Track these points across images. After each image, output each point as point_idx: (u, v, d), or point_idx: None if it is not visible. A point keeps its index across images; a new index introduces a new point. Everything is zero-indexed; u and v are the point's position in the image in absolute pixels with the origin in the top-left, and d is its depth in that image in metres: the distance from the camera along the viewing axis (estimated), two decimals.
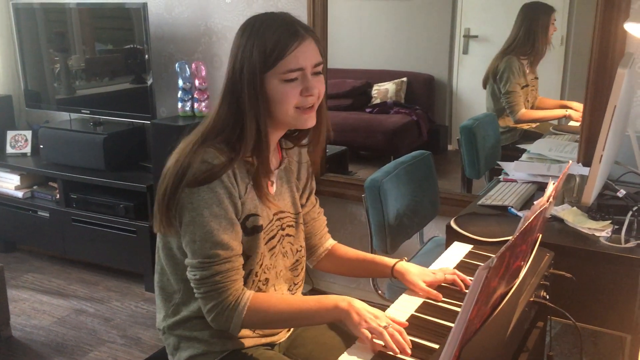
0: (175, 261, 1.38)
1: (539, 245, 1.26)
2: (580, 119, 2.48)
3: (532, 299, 1.24)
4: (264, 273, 1.41)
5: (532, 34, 2.80)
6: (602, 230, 1.77)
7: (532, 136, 2.83)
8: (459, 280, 1.48)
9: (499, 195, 2.10)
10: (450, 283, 1.48)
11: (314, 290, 3.13)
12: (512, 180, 2.24)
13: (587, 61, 2.34)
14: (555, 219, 1.87)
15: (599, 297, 1.69)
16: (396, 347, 1.19)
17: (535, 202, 1.13)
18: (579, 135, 2.46)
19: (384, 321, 1.25)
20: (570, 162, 1.54)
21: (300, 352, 1.50)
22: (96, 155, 3.27)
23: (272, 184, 1.43)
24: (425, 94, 3.32)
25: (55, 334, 2.81)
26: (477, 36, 3.06)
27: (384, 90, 3.39)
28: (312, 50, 1.31)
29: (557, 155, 2.44)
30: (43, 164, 3.47)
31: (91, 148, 3.28)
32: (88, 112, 3.44)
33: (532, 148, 2.55)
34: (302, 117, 1.34)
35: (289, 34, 1.28)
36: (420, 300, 1.42)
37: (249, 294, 1.31)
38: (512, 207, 1.99)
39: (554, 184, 1.23)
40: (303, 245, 1.54)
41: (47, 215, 3.44)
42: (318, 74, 1.33)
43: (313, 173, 1.58)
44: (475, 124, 2.77)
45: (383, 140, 3.32)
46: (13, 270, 3.45)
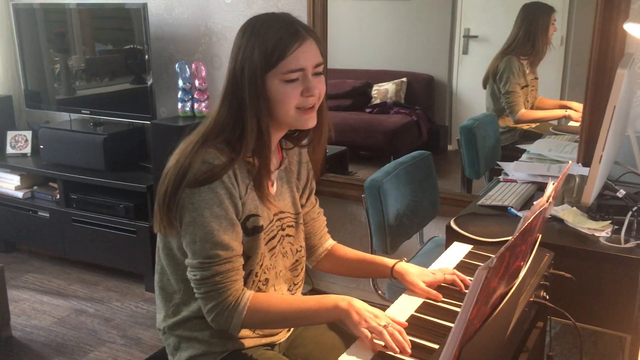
0: (175, 261, 1.38)
1: (538, 245, 1.26)
2: (579, 119, 2.48)
3: (532, 299, 1.24)
4: (264, 273, 1.41)
5: (532, 34, 2.80)
6: (601, 230, 1.77)
7: (532, 136, 2.84)
8: (458, 280, 1.48)
9: (498, 196, 2.10)
10: (450, 283, 1.49)
11: (314, 291, 3.13)
12: (512, 181, 2.24)
13: (586, 61, 2.34)
14: (555, 219, 1.87)
15: (599, 297, 1.69)
16: (396, 346, 1.20)
17: (535, 203, 1.13)
18: (578, 136, 2.46)
19: (384, 321, 1.25)
20: (570, 162, 1.54)
21: (300, 352, 1.51)
22: (96, 156, 3.27)
23: (272, 184, 1.43)
24: (425, 94, 3.33)
25: (56, 334, 2.81)
26: (477, 36, 3.06)
27: (383, 90, 3.39)
28: (313, 50, 1.31)
29: (556, 156, 2.44)
30: (43, 164, 3.48)
31: (91, 148, 3.28)
32: (88, 112, 3.44)
33: (531, 148, 2.55)
34: (303, 117, 1.34)
35: (290, 34, 1.28)
36: (420, 301, 1.42)
37: (249, 294, 1.31)
38: (512, 207, 1.99)
39: (553, 184, 1.24)
40: (303, 246, 1.54)
41: (47, 215, 3.44)
42: (319, 75, 1.34)
43: (314, 174, 1.58)
44: (475, 124, 2.78)
45: (383, 141, 3.32)
46: (13, 271, 3.45)
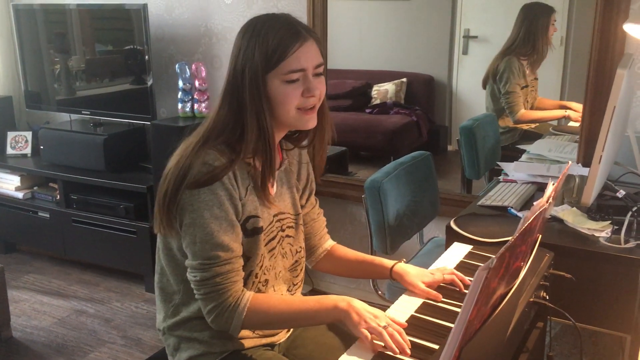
0: (175, 262, 1.38)
1: (538, 245, 1.26)
2: (579, 119, 2.48)
3: (532, 300, 1.24)
4: (264, 274, 1.41)
5: (532, 35, 2.80)
6: (601, 230, 1.77)
7: (531, 136, 2.84)
8: (457, 280, 1.48)
9: (498, 196, 2.10)
10: (449, 283, 1.49)
11: (314, 291, 3.13)
12: (512, 181, 2.24)
13: (586, 62, 2.34)
14: (555, 219, 1.87)
15: (599, 297, 1.69)
16: (396, 347, 1.20)
17: (535, 203, 1.13)
18: (578, 136, 2.46)
19: (384, 321, 1.25)
20: (570, 162, 1.54)
21: (300, 353, 1.51)
22: (96, 156, 3.27)
23: (272, 185, 1.43)
24: (425, 94, 3.33)
25: (56, 334, 2.81)
26: (476, 37, 3.06)
27: (383, 90, 3.39)
28: (314, 51, 1.31)
29: (556, 156, 2.44)
30: (43, 164, 3.48)
31: (91, 149, 3.29)
32: (88, 113, 3.44)
33: (531, 148, 2.55)
34: (304, 117, 1.34)
35: (290, 35, 1.28)
36: (420, 301, 1.42)
37: (248, 295, 1.31)
38: (512, 207, 1.99)
39: (553, 184, 1.24)
40: (302, 246, 1.54)
41: (48, 216, 3.44)
42: (319, 75, 1.34)
43: (316, 175, 1.58)
44: (475, 124, 2.78)
45: (383, 141, 3.32)
46: (13, 271, 3.45)
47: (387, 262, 1.54)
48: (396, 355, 1.20)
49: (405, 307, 1.39)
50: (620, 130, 1.92)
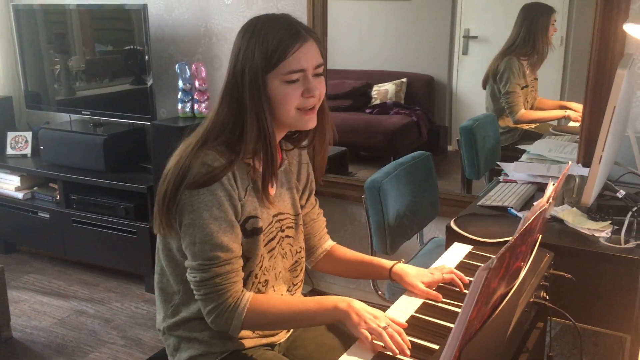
0: (175, 262, 1.38)
1: (538, 246, 1.26)
2: (579, 119, 2.48)
3: (532, 300, 1.24)
4: (264, 275, 1.41)
5: (532, 35, 2.80)
6: (601, 230, 1.77)
7: (532, 136, 2.84)
8: (456, 279, 1.48)
9: (498, 196, 2.10)
10: (449, 283, 1.49)
11: (314, 291, 3.13)
12: (512, 181, 2.24)
13: (586, 62, 2.34)
14: (555, 219, 1.87)
15: (599, 297, 1.69)
16: (395, 347, 1.20)
17: (535, 203, 1.13)
18: (578, 136, 2.46)
19: (384, 322, 1.25)
20: (570, 162, 1.54)
21: (300, 353, 1.51)
22: (96, 156, 3.27)
23: (272, 186, 1.43)
24: (425, 94, 3.33)
25: (56, 335, 2.81)
26: (476, 37, 3.06)
27: (383, 91, 3.39)
28: (314, 51, 1.31)
29: (556, 156, 2.44)
30: (43, 165, 3.48)
31: (91, 149, 3.29)
32: (88, 113, 3.44)
33: (531, 149, 2.55)
34: (304, 118, 1.34)
35: (290, 35, 1.28)
36: (420, 301, 1.42)
37: (248, 295, 1.31)
38: (512, 207, 1.99)
39: (553, 184, 1.24)
40: (302, 247, 1.54)
41: (47, 216, 3.44)
42: (319, 75, 1.34)
43: (317, 176, 1.57)
44: (475, 124, 2.78)
45: (383, 141, 3.32)
46: (13, 272, 3.45)
47: (386, 263, 1.54)
48: (396, 356, 1.19)
49: (405, 308, 1.39)
50: (620, 131, 1.92)
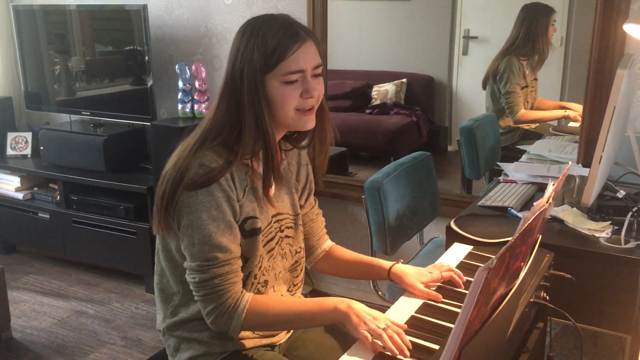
0: (174, 263, 1.38)
1: (538, 246, 1.26)
2: (578, 119, 2.48)
3: (532, 300, 1.24)
4: (263, 275, 1.41)
5: (532, 35, 2.80)
6: (602, 231, 1.77)
7: (532, 137, 2.84)
8: (455, 276, 1.48)
9: (498, 196, 2.10)
10: (449, 282, 1.49)
11: (314, 292, 3.13)
12: (512, 181, 2.24)
13: (586, 62, 2.34)
14: (555, 219, 1.87)
15: (599, 297, 1.69)
16: (395, 348, 1.20)
17: (535, 203, 1.13)
18: (578, 136, 2.46)
19: (383, 323, 1.25)
20: (570, 163, 1.54)
21: (300, 354, 1.50)
22: (96, 157, 3.27)
23: (271, 186, 1.43)
24: (425, 95, 3.33)
25: (56, 335, 2.81)
26: (476, 37, 3.06)
27: (383, 91, 3.39)
28: (313, 52, 1.31)
29: (556, 156, 2.44)
30: (43, 165, 3.48)
31: (91, 149, 3.29)
32: (88, 113, 3.44)
33: (531, 149, 2.55)
34: (303, 119, 1.34)
35: (289, 35, 1.28)
36: (420, 302, 1.42)
37: (248, 296, 1.31)
38: (512, 208, 1.99)
39: (553, 184, 1.24)
40: (302, 247, 1.54)
41: (48, 216, 3.44)
42: (318, 76, 1.34)
43: (318, 177, 1.57)
44: (475, 124, 2.78)
45: (383, 141, 3.32)
46: (13, 272, 3.45)
47: (385, 264, 1.54)
48: (396, 357, 1.19)
49: (405, 308, 1.39)
50: (620, 131, 1.92)
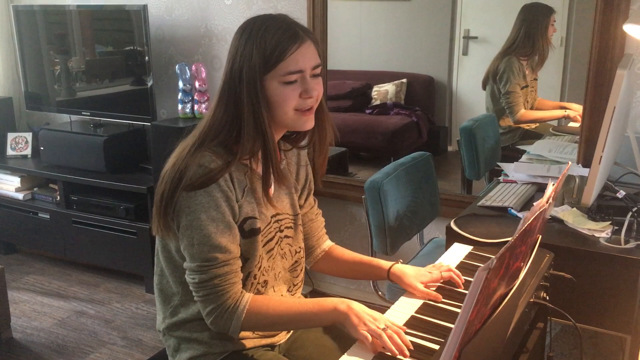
0: (174, 264, 1.38)
1: (538, 246, 1.26)
2: (578, 119, 2.48)
3: (532, 300, 1.24)
4: (263, 275, 1.41)
5: (531, 35, 2.80)
6: (601, 231, 1.77)
7: (532, 137, 2.84)
8: (455, 276, 1.48)
9: (498, 197, 2.10)
10: (448, 282, 1.49)
11: (315, 292, 3.13)
12: (512, 181, 2.24)
13: (586, 62, 2.34)
14: (555, 220, 1.87)
15: (599, 298, 1.69)
16: (395, 348, 1.20)
17: (534, 203, 1.13)
18: (578, 137, 2.46)
19: (383, 323, 1.25)
20: (570, 163, 1.54)
21: (300, 354, 1.50)
22: (96, 157, 3.28)
23: (270, 186, 1.43)
24: (425, 95, 3.33)
25: (56, 335, 2.81)
26: (476, 37, 3.06)
27: (383, 91, 3.39)
28: (312, 52, 1.31)
29: (556, 156, 2.44)
30: (43, 165, 3.48)
31: (91, 150, 3.29)
32: (88, 113, 3.44)
33: (531, 149, 2.55)
34: (302, 119, 1.34)
35: (288, 36, 1.28)
36: (420, 302, 1.42)
37: (247, 296, 1.31)
38: (512, 208, 1.99)
39: (553, 185, 1.24)
40: (302, 247, 1.54)
41: (48, 217, 3.44)
42: (317, 76, 1.33)
43: (317, 177, 1.57)
44: (475, 125, 2.78)
45: (383, 142, 3.32)
46: (13, 272, 3.45)
47: (385, 264, 1.54)
48: (396, 357, 1.19)
49: (404, 309, 1.39)
50: (620, 131, 1.92)
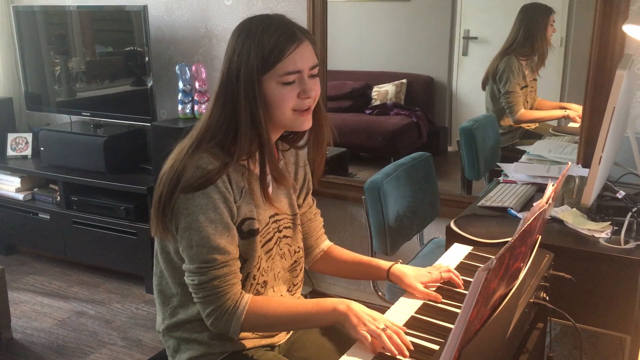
0: (173, 265, 1.38)
1: (538, 246, 1.26)
2: (578, 120, 2.48)
3: (532, 300, 1.24)
4: (262, 276, 1.41)
5: (530, 35, 2.80)
6: (601, 231, 1.77)
7: (532, 137, 2.84)
8: (454, 277, 1.48)
9: (498, 197, 2.10)
10: (448, 282, 1.49)
11: (314, 292, 3.13)
12: (512, 182, 2.24)
13: (586, 63, 2.34)
14: (555, 220, 1.87)
15: (599, 298, 1.69)
16: (395, 349, 1.20)
17: (534, 204, 1.13)
18: (578, 137, 2.46)
19: (382, 323, 1.25)
20: (570, 163, 1.54)
21: (300, 355, 1.50)
22: (97, 158, 3.28)
23: (268, 187, 1.43)
24: (425, 95, 3.33)
25: (56, 336, 2.81)
26: (476, 38, 3.06)
27: (383, 91, 3.39)
28: (310, 52, 1.31)
29: (556, 157, 2.44)
30: (44, 166, 3.48)
31: (92, 150, 3.29)
32: (88, 114, 3.44)
33: (531, 149, 2.55)
34: (300, 119, 1.34)
35: (286, 36, 1.28)
36: (420, 302, 1.42)
37: (247, 297, 1.31)
38: (512, 208, 1.99)
39: (553, 185, 1.24)
40: (301, 246, 1.53)
41: (48, 217, 3.44)
42: (314, 77, 1.33)
43: (315, 178, 1.57)
44: (475, 125, 2.78)
45: (383, 142, 3.32)
46: (14, 273, 3.45)
47: (384, 264, 1.54)
48: (396, 357, 1.19)
49: (404, 309, 1.39)
50: (620, 131, 1.92)
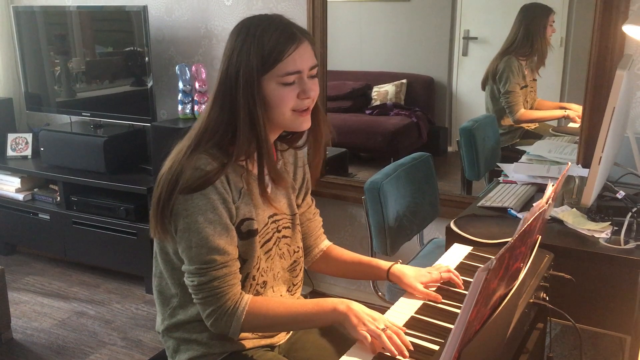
0: (172, 266, 1.39)
1: (538, 246, 1.26)
2: (578, 120, 2.49)
3: (531, 301, 1.24)
4: (262, 276, 1.41)
5: (530, 35, 2.81)
6: (601, 231, 1.77)
7: (531, 137, 2.84)
8: (454, 277, 1.48)
9: (498, 197, 2.10)
10: (448, 282, 1.49)
11: (314, 292, 3.13)
12: (512, 182, 2.24)
13: (586, 63, 2.34)
14: (555, 220, 1.87)
15: (599, 298, 1.69)
16: (394, 349, 1.20)
17: (534, 204, 1.13)
18: (578, 137, 2.46)
19: (382, 323, 1.25)
20: (570, 163, 1.54)
21: (300, 355, 1.50)
22: (97, 158, 3.28)
23: (267, 187, 1.43)
24: (425, 95, 3.33)
25: (56, 336, 2.81)
26: (476, 38, 3.06)
27: (383, 92, 3.39)
28: (309, 53, 1.31)
29: (556, 157, 2.44)
30: (43, 166, 3.48)
31: (92, 150, 3.29)
32: (88, 114, 3.44)
33: (531, 149, 2.55)
34: (299, 119, 1.34)
35: (286, 36, 1.28)
36: (420, 302, 1.42)
37: (247, 298, 1.31)
38: (512, 208, 1.99)
39: (553, 185, 1.24)
40: (300, 246, 1.53)
41: (48, 217, 3.44)
42: (314, 77, 1.34)
43: (313, 177, 1.57)
44: (474, 125, 2.78)
45: (383, 142, 3.32)
46: (14, 273, 3.45)
47: (384, 264, 1.54)
48: (395, 357, 1.19)
49: (404, 309, 1.39)
50: (620, 131, 1.93)
